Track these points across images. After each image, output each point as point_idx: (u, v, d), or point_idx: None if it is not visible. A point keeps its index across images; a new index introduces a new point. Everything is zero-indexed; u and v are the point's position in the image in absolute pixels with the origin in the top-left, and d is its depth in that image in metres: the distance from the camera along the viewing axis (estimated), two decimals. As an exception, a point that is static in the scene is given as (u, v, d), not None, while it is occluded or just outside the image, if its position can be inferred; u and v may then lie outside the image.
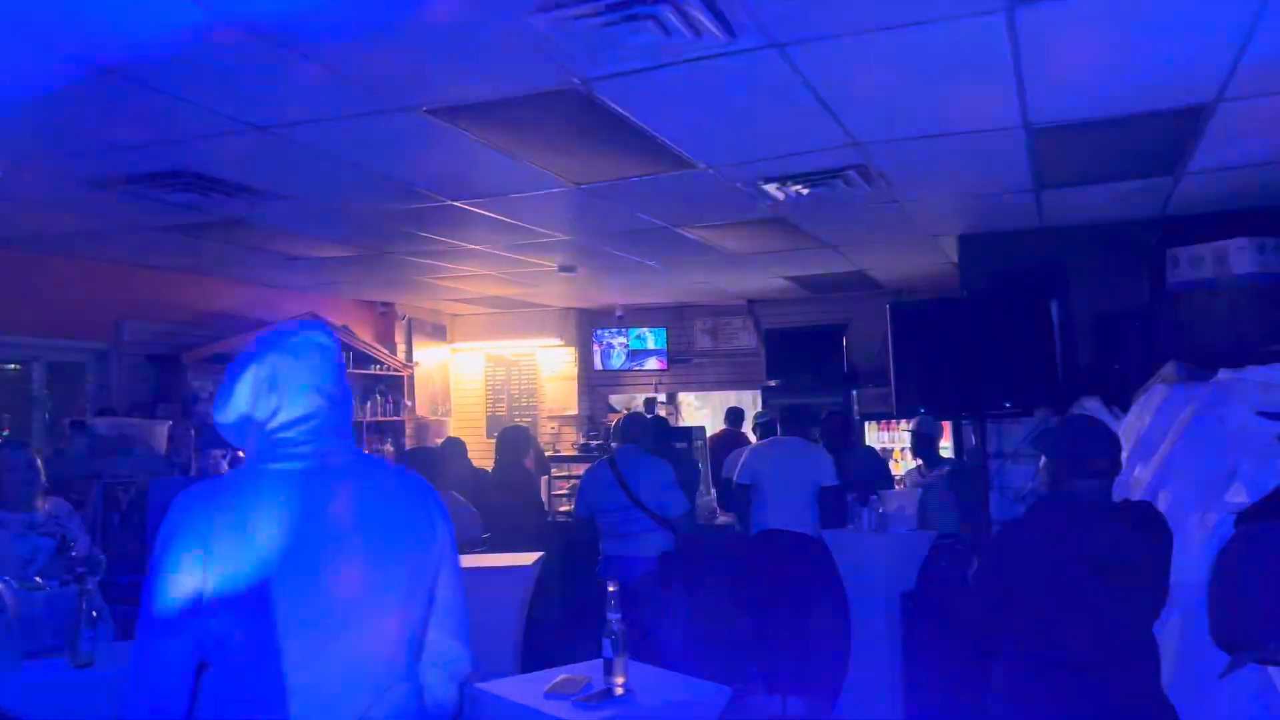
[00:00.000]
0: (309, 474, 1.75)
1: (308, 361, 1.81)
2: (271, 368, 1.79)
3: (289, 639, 1.67)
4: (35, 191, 4.49)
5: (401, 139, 3.86)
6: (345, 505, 1.76)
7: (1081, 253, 5.97)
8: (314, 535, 1.71)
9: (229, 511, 1.68)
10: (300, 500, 1.72)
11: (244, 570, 1.65)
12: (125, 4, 2.54)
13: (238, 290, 7.61)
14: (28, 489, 3.67)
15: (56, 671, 2.90)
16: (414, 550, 1.83)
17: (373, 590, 1.75)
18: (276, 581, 1.66)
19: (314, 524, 1.72)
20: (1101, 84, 3.43)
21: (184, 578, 1.64)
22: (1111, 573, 2.48)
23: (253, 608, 1.65)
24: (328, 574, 1.71)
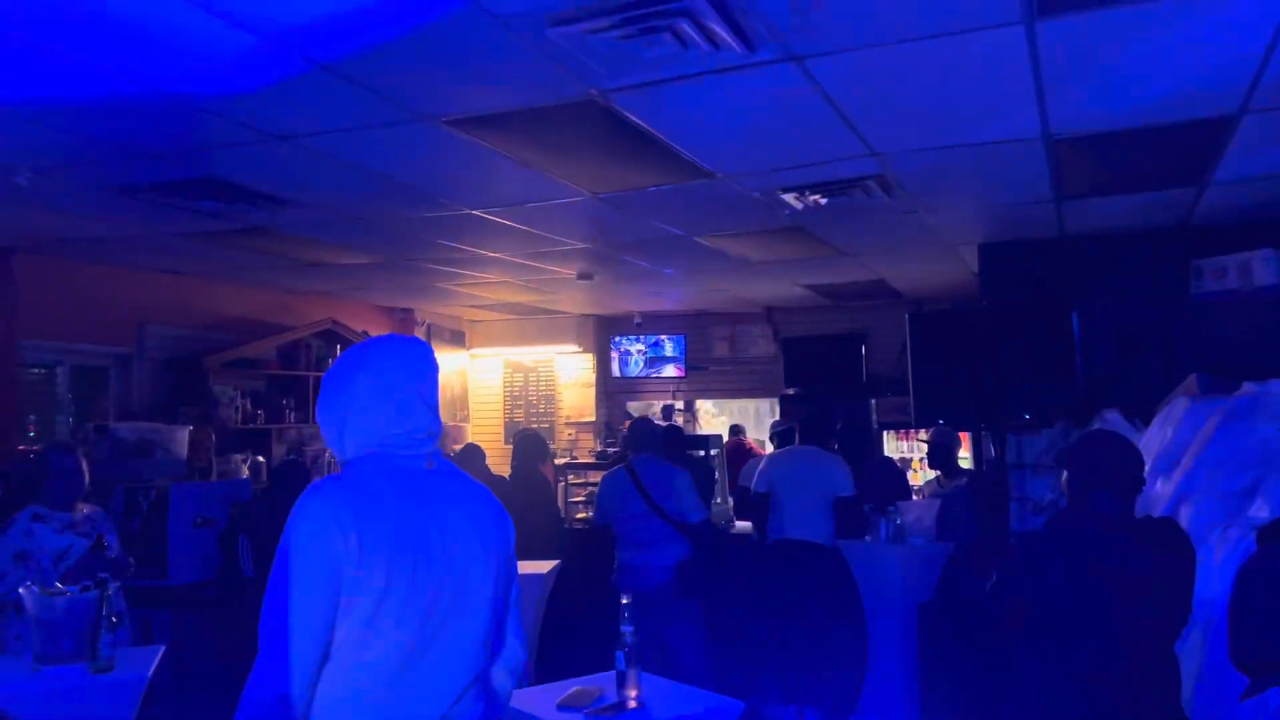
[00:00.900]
0: (424, 476, 1.89)
1: (423, 376, 1.94)
2: (390, 378, 1.89)
3: (404, 632, 1.76)
4: (61, 198, 4.55)
5: (421, 149, 3.88)
6: (453, 508, 1.89)
7: (1103, 263, 5.92)
8: (433, 535, 1.83)
9: (357, 502, 1.77)
10: (412, 499, 1.83)
11: (376, 564, 1.73)
12: (155, 22, 2.57)
13: (258, 295, 7.67)
14: (71, 492, 3.81)
15: (76, 677, 2.93)
16: (500, 553, 1.94)
17: (471, 590, 1.86)
18: (401, 577, 1.76)
19: (432, 524, 1.83)
20: (1123, 95, 3.40)
21: (325, 564, 1.71)
22: (1132, 590, 2.45)
23: (369, 604, 1.74)
24: (440, 573, 1.82)
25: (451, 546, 1.85)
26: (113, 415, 6.32)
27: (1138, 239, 5.83)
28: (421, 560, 1.79)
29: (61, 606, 2.94)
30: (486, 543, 1.91)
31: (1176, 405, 4.53)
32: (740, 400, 10.29)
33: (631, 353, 10.19)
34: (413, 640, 1.78)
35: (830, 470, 5.60)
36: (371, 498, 1.79)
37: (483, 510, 1.96)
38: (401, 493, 1.83)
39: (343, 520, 1.73)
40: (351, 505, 1.76)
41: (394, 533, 1.77)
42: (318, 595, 1.70)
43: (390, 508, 1.80)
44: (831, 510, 5.51)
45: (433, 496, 1.87)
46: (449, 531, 1.85)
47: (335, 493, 1.79)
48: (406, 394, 1.89)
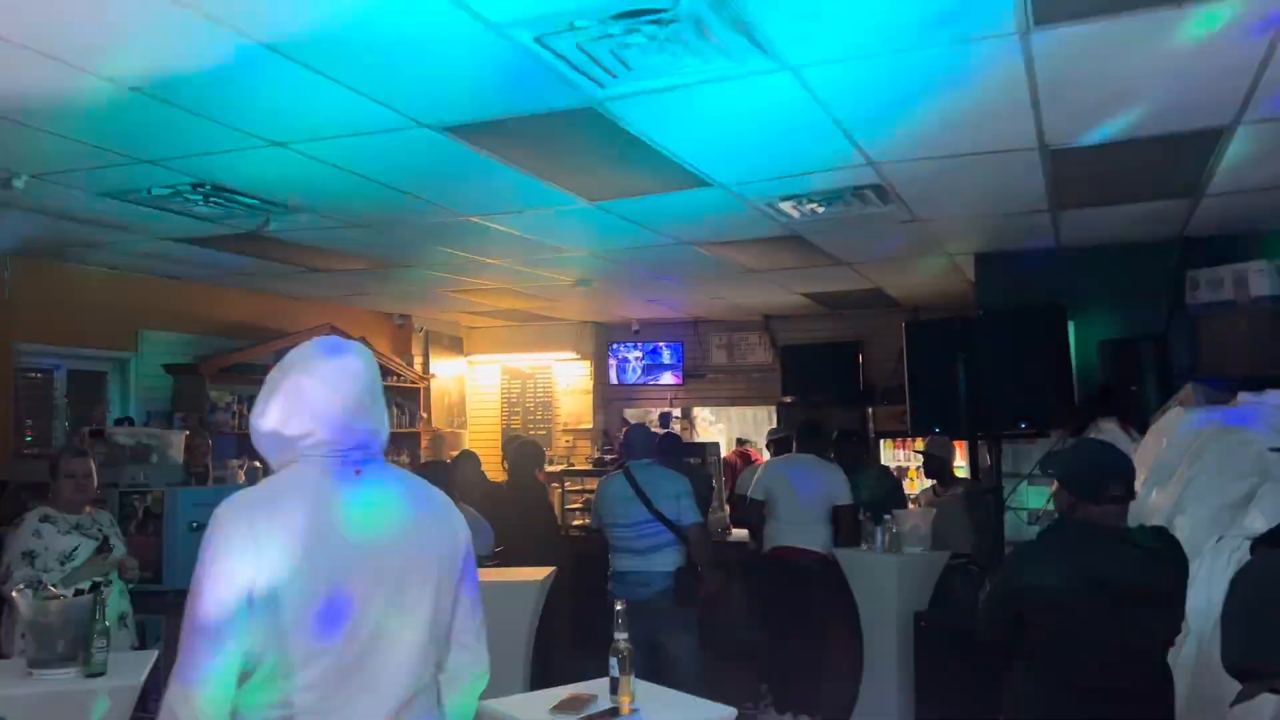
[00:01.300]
0: (341, 485, 1.83)
1: (340, 387, 1.86)
2: (303, 389, 1.85)
3: (325, 644, 1.73)
4: (60, 203, 4.55)
5: (420, 156, 3.89)
6: (382, 516, 1.85)
7: (1099, 273, 5.94)
8: (347, 544, 1.78)
9: (271, 519, 1.74)
10: (333, 510, 1.79)
11: (284, 577, 1.70)
12: (155, 27, 2.58)
13: (256, 301, 7.68)
14: (80, 495, 3.97)
15: (68, 680, 2.92)
16: (439, 560, 1.90)
17: (401, 599, 1.82)
18: (314, 590, 1.73)
19: (346, 533, 1.79)
20: (1118, 107, 3.42)
21: (231, 585, 1.68)
22: (1126, 600, 2.46)
23: (293, 615, 1.71)
24: (360, 583, 1.77)
25: (379, 555, 1.80)
26: (110, 420, 6.31)
27: (1133, 249, 5.85)
28: (341, 570, 1.76)
29: (55, 610, 2.94)
30: (424, 549, 1.88)
31: (1172, 415, 4.54)
32: (738, 408, 10.29)
33: (629, 360, 10.19)
34: (345, 652, 1.75)
35: (827, 479, 5.60)
36: (286, 510, 1.76)
37: (420, 515, 1.91)
38: (321, 503, 1.79)
39: (250, 534, 1.71)
40: (262, 518, 1.74)
41: (308, 544, 1.73)
42: (223, 609, 1.68)
43: (305, 519, 1.76)
44: (828, 519, 5.52)
45: (358, 505, 1.82)
46: (376, 540, 1.81)
47: (246, 506, 1.76)
48: (323, 405, 1.84)
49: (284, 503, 1.78)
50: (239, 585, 1.68)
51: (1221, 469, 4.17)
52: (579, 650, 6.18)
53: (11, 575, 3.67)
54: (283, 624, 1.70)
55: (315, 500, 1.79)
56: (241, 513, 1.74)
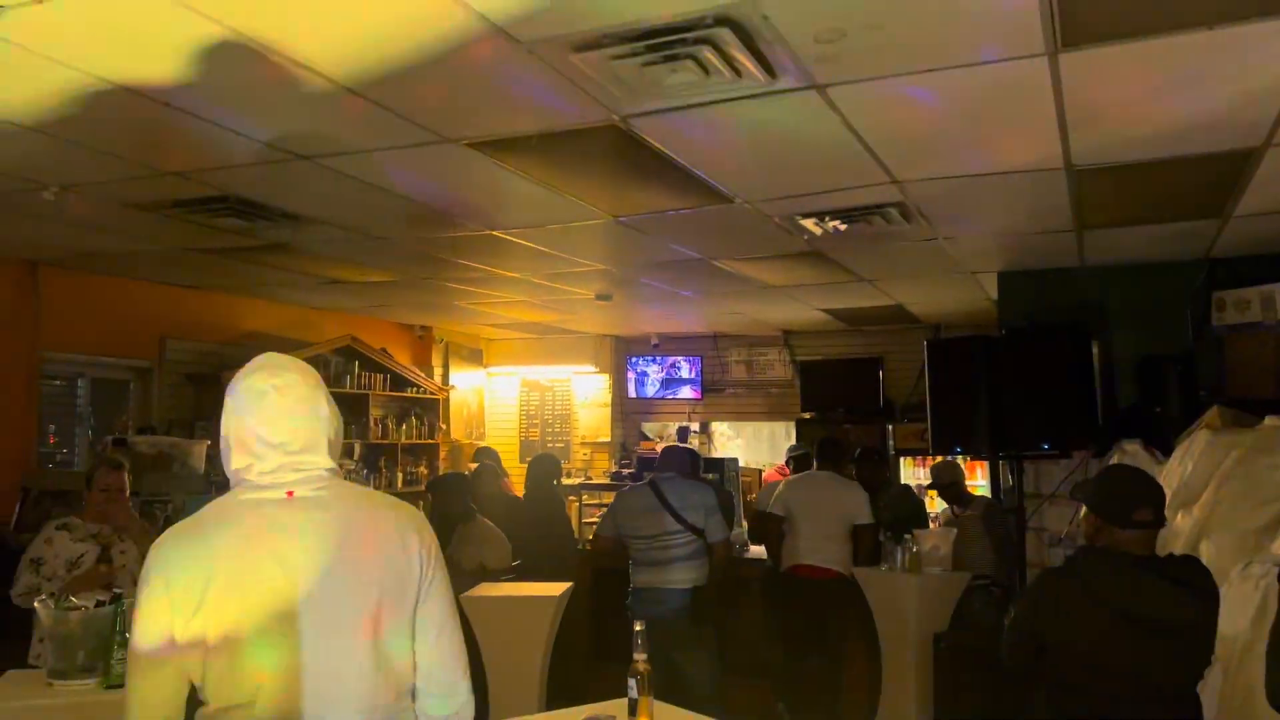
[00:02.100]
0: (267, 508, 1.78)
1: (255, 408, 1.82)
2: (227, 415, 1.84)
3: (258, 672, 1.69)
4: (87, 214, 4.60)
5: (442, 170, 3.91)
6: (315, 539, 1.77)
7: (1124, 293, 5.89)
8: (273, 571, 1.73)
9: (193, 546, 1.73)
10: (259, 534, 1.75)
11: (206, 611, 1.67)
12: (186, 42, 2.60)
13: (278, 311, 7.72)
14: (110, 507, 3.91)
15: (86, 692, 2.92)
16: (382, 582, 1.80)
17: (339, 625, 1.75)
18: (241, 621, 1.69)
19: (272, 560, 1.73)
20: (1146, 127, 3.39)
21: (155, 614, 1.68)
22: (1154, 631, 2.42)
23: (223, 648, 1.68)
24: (290, 611, 1.72)
25: (309, 581, 1.74)
26: (132, 428, 6.36)
27: (1159, 269, 5.80)
28: (268, 599, 1.71)
29: (75, 621, 2.95)
30: (362, 571, 1.79)
31: (1197, 438, 4.49)
32: (756, 423, 10.25)
33: (648, 374, 10.18)
34: (286, 680, 1.70)
35: (847, 497, 5.57)
36: (209, 541, 1.74)
37: (362, 535, 1.82)
38: (246, 531, 1.75)
39: (167, 571, 1.69)
40: (185, 552, 1.72)
41: (232, 575, 1.70)
42: (149, 643, 1.67)
43: (229, 549, 1.72)
44: (848, 537, 5.48)
45: (286, 529, 1.76)
46: (305, 564, 1.74)
47: (171, 539, 1.76)
48: (244, 432, 1.81)
49: (208, 534, 1.75)
50: (161, 623, 1.67)
51: (1248, 493, 4.12)
52: (596, 665, 6.16)
53: (18, 581, 3.68)
54: (215, 658, 1.68)
55: (240, 528, 1.76)
56: (165, 548, 1.73)
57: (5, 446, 5.60)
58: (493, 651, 4.49)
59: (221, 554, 1.72)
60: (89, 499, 3.94)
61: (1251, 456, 4.21)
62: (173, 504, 5.23)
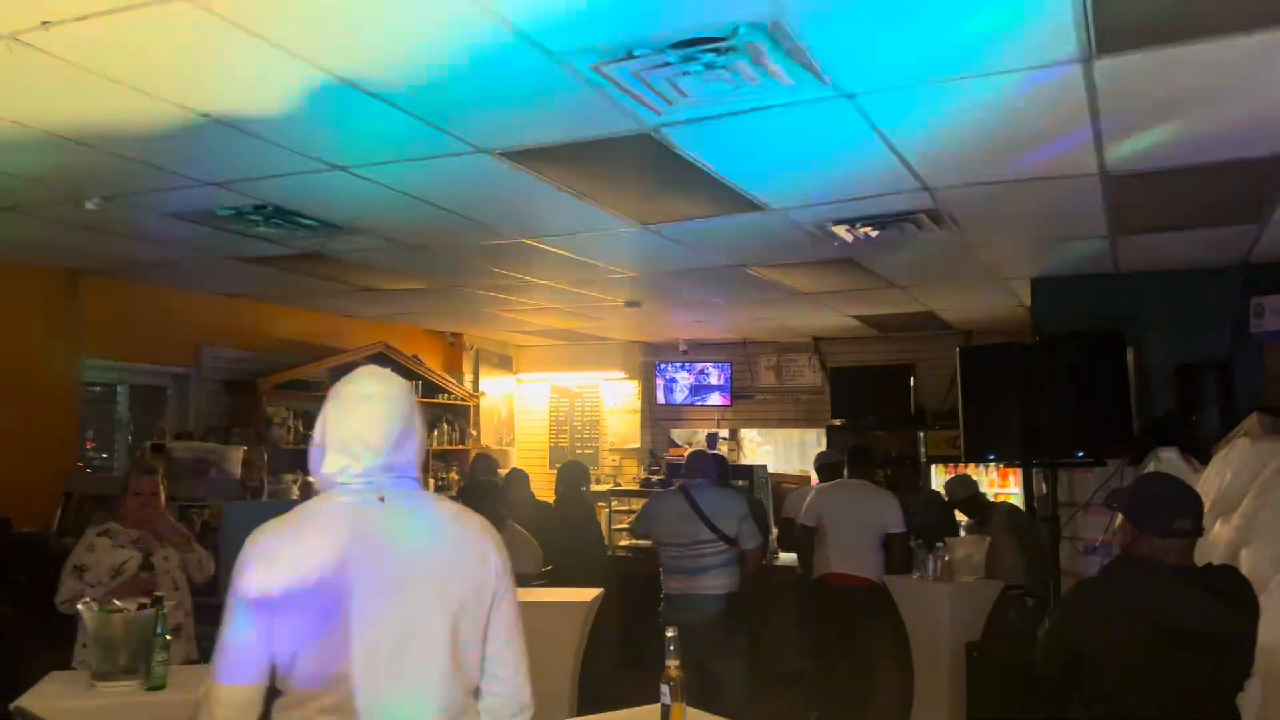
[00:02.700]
0: (361, 509, 1.89)
1: (359, 412, 1.93)
2: (327, 417, 1.96)
3: (342, 663, 1.80)
4: (126, 223, 4.69)
5: (475, 180, 3.94)
6: (402, 544, 1.87)
7: (1160, 299, 5.81)
8: (362, 571, 1.83)
9: (289, 539, 1.85)
10: (351, 534, 1.86)
11: (298, 605, 1.79)
12: (230, 58, 2.66)
13: (312, 319, 7.82)
14: (145, 512, 4.00)
15: (129, 694, 2.98)
16: (462, 585, 1.90)
17: (419, 624, 1.85)
18: (329, 610, 1.81)
19: (363, 561, 1.84)
20: (1183, 133, 3.36)
21: (251, 602, 1.79)
22: (1191, 642, 2.39)
23: (309, 640, 1.80)
24: (374, 609, 1.83)
25: (395, 582, 1.85)
26: (169, 434, 6.46)
27: (1195, 275, 5.72)
28: (355, 597, 1.81)
29: (118, 624, 3.01)
30: (445, 574, 1.89)
31: (1236, 446, 4.43)
32: (785, 430, 10.22)
33: (677, 380, 10.19)
34: (365, 678, 1.80)
35: (879, 505, 5.54)
36: (303, 539, 1.85)
37: (444, 541, 1.93)
38: (340, 531, 1.85)
39: (267, 564, 1.80)
40: (280, 548, 1.83)
41: (324, 572, 1.80)
42: (242, 633, 1.80)
43: (321, 548, 1.83)
44: (879, 545, 5.45)
45: (377, 532, 1.87)
46: (392, 566, 1.85)
47: (267, 535, 1.86)
48: (345, 434, 1.92)
49: (303, 529, 1.87)
50: (255, 610, 1.79)
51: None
52: (626, 671, 6.17)
53: (62, 587, 3.76)
54: (299, 648, 1.79)
55: (334, 528, 1.86)
56: (264, 539, 1.85)
57: (48, 452, 5.71)
58: (524, 657, 4.50)
59: (314, 549, 1.83)
60: (125, 504, 4.01)
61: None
62: (209, 509, 5.30)
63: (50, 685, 3.06)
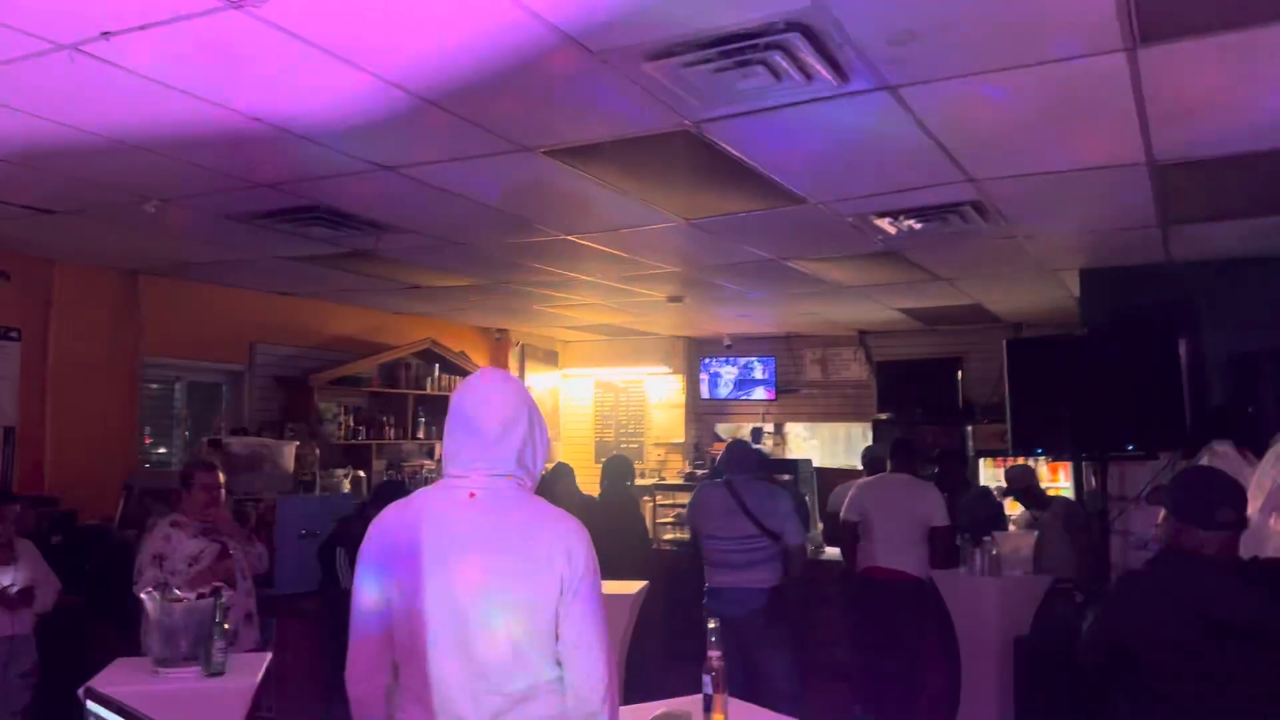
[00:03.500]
0: (451, 500, 2.05)
1: (466, 404, 2.10)
2: (453, 416, 2.12)
3: (418, 644, 1.98)
4: (184, 225, 4.83)
5: (520, 178, 4.00)
6: (481, 539, 2.00)
7: (1213, 289, 5.69)
8: (447, 562, 1.99)
9: (401, 522, 2.06)
10: (438, 522, 2.03)
11: (399, 586, 2.00)
12: (271, 61, 2.74)
13: (361, 316, 7.96)
14: (210, 503, 4.18)
15: (191, 679, 3.09)
16: (529, 572, 1.98)
17: (482, 611, 1.96)
18: (410, 593, 1.99)
19: (452, 554, 1.99)
20: (1229, 121, 3.31)
21: (363, 593, 2.05)
22: (1238, 636, 2.36)
23: (406, 617, 2.00)
24: (444, 590, 1.98)
25: (466, 576, 1.97)
26: (225, 430, 6.63)
27: (1250, 263, 5.60)
28: (440, 581, 1.97)
29: (180, 612, 3.11)
30: (515, 572, 1.97)
31: (1293, 439, 4.34)
32: (831, 424, 10.17)
33: (721, 374, 10.19)
34: (434, 660, 1.96)
35: (923, 498, 5.50)
36: (407, 527, 2.03)
37: (520, 531, 2.02)
38: (432, 520, 2.03)
39: (377, 548, 2.04)
40: (389, 534, 2.05)
41: (424, 557, 1.98)
42: (360, 611, 2.04)
43: (422, 536, 2.01)
44: (924, 539, 5.41)
45: (460, 525, 2.01)
46: (467, 561, 1.98)
47: (379, 523, 2.08)
48: (460, 429, 2.08)
49: (407, 520, 2.05)
50: (369, 593, 2.03)
51: (1346, 496, 3.97)
52: (671, 664, 6.21)
53: (143, 576, 3.91)
54: (401, 625, 2.00)
55: (426, 516, 2.04)
56: (375, 528, 2.08)
57: (110, 447, 5.89)
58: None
59: (407, 532, 2.03)
60: (189, 498, 4.14)
61: (1350, 458, 4.05)
62: (263, 502, 5.43)
63: (116, 670, 3.18)
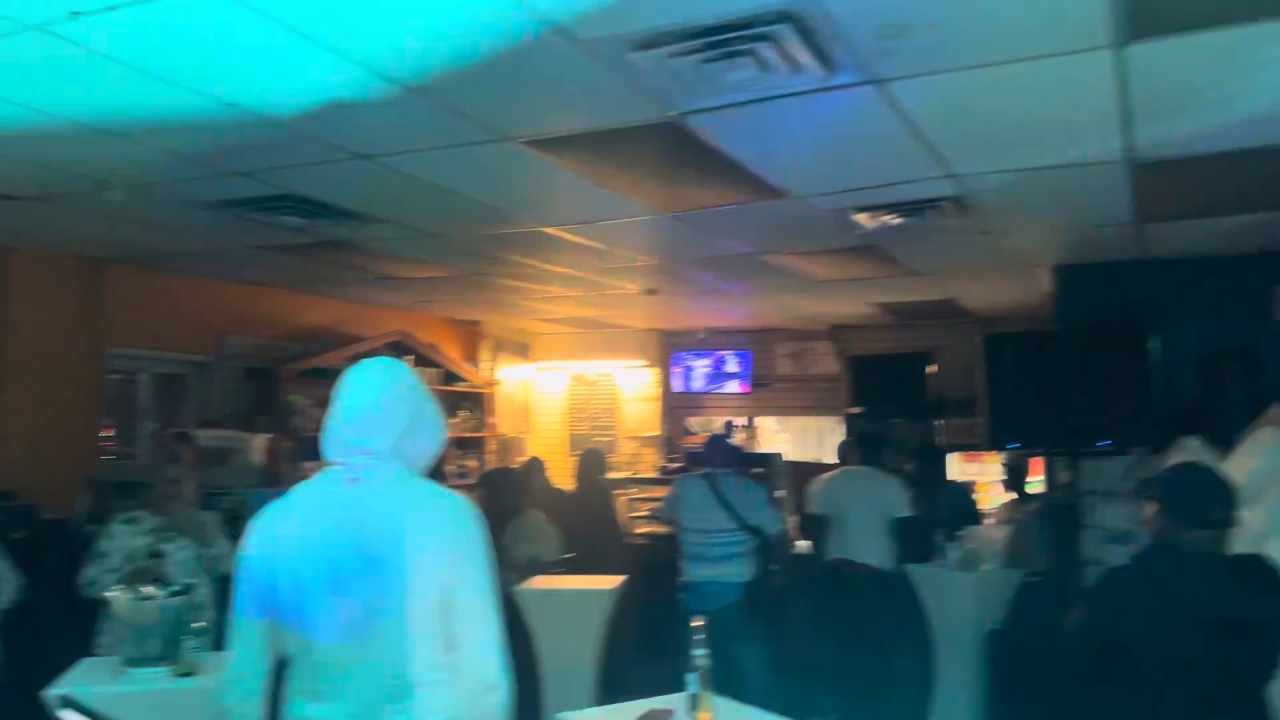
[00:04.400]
0: (338, 489, 2.06)
1: (348, 395, 2.12)
2: (332, 405, 2.14)
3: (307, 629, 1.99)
4: (152, 213, 4.71)
5: (498, 168, 3.95)
6: (368, 522, 2.01)
7: (1184, 287, 5.76)
8: (332, 546, 2.00)
9: (279, 521, 2.07)
10: (324, 513, 2.04)
11: (280, 577, 2.01)
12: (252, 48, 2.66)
13: (332, 307, 7.84)
14: (173, 499, 4.05)
15: (158, 679, 3.01)
16: (422, 563, 1.98)
17: (377, 596, 1.96)
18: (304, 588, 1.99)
19: (332, 536, 2.00)
20: (1213, 120, 3.33)
21: (244, 583, 2.06)
22: (1223, 630, 2.38)
23: (290, 610, 2.00)
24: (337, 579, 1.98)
25: (356, 560, 1.97)
26: (192, 422, 6.50)
27: (1220, 263, 5.67)
28: (326, 570, 1.97)
29: (150, 610, 3.04)
30: (401, 555, 1.96)
31: (1261, 435, 4.38)
32: (803, 418, 10.20)
33: (694, 368, 10.18)
34: (332, 650, 1.97)
35: (887, 490, 5.52)
36: (290, 516, 2.06)
37: (406, 520, 2.00)
38: (315, 509, 2.05)
39: (258, 540, 2.06)
40: (271, 524, 2.07)
41: (302, 546, 2.00)
42: (237, 594, 2.07)
43: (301, 524, 2.03)
44: (888, 531, 5.44)
45: (335, 511, 2.02)
46: (356, 545, 1.98)
47: (262, 514, 2.11)
48: (336, 416, 2.11)
49: (289, 509, 2.08)
50: (247, 584, 2.05)
51: (1314, 492, 4.02)
52: (644, 659, 6.19)
53: (84, 570, 3.80)
54: (285, 618, 2.00)
55: (311, 507, 2.06)
56: (253, 523, 2.10)
57: (72, 439, 5.75)
58: (546, 644, 4.53)
59: (293, 526, 2.04)
60: (149, 493, 4.03)
61: (1318, 454, 4.11)
62: (234, 496, 5.33)
63: (83, 672, 3.09)
